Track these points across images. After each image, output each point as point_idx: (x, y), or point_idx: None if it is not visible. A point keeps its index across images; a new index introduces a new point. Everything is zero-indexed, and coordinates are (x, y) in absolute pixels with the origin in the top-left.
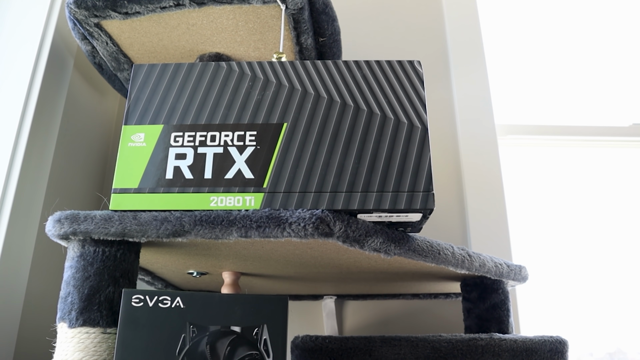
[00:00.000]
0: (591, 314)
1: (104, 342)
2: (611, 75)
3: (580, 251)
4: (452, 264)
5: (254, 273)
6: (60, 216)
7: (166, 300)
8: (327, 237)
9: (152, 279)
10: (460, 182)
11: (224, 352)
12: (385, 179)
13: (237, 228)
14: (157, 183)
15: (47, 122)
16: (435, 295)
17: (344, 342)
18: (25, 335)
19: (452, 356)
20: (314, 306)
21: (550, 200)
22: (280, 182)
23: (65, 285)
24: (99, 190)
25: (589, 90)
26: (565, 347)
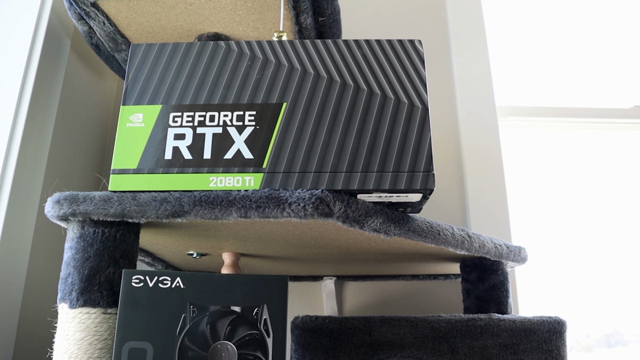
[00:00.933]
0: (589, 296)
1: (105, 323)
2: (613, 56)
3: (580, 233)
4: (452, 245)
5: (254, 254)
6: (59, 197)
7: (166, 280)
8: (326, 218)
9: (152, 260)
10: (460, 164)
11: (224, 332)
12: (385, 159)
13: (237, 208)
14: (156, 163)
15: (45, 104)
16: (435, 276)
17: (343, 322)
18: (27, 316)
19: (451, 336)
20: (313, 287)
21: (550, 183)
22: (279, 162)
23: (65, 266)
24: (98, 171)
25: (590, 71)
26: (563, 327)
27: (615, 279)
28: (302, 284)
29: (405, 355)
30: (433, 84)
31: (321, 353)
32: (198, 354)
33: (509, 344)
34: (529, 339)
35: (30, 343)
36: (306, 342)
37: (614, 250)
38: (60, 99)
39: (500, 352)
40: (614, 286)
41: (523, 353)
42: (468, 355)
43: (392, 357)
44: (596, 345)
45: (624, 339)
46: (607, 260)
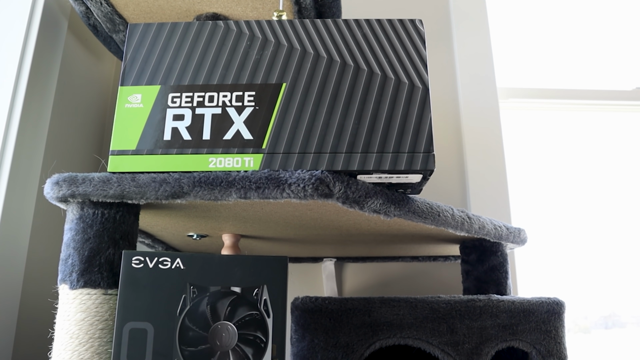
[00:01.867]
0: (586, 278)
1: (106, 303)
2: (615, 38)
3: (579, 216)
4: (452, 226)
5: (254, 235)
6: (58, 179)
7: (166, 261)
8: (326, 198)
9: (152, 241)
10: (460, 145)
11: (225, 312)
12: (385, 140)
13: (236, 189)
14: (155, 144)
15: (43, 85)
16: (434, 258)
17: (343, 303)
18: (28, 297)
19: (451, 317)
20: (313, 268)
21: (551, 165)
22: (279, 142)
23: (65, 248)
24: (97, 152)
25: (592, 53)
26: (562, 308)
27: (613, 262)
28: (302, 265)
29: (404, 335)
30: (434, 64)
31: (321, 333)
32: (198, 334)
33: (508, 325)
34: (527, 320)
35: (31, 324)
36: (306, 322)
37: (612, 233)
38: (58, 80)
39: (499, 333)
40: (612, 269)
41: (522, 333)
42: (467, 336)
43: (392, 338)
44: (594, 326)
45: (621, 320)
46: (605, 243)
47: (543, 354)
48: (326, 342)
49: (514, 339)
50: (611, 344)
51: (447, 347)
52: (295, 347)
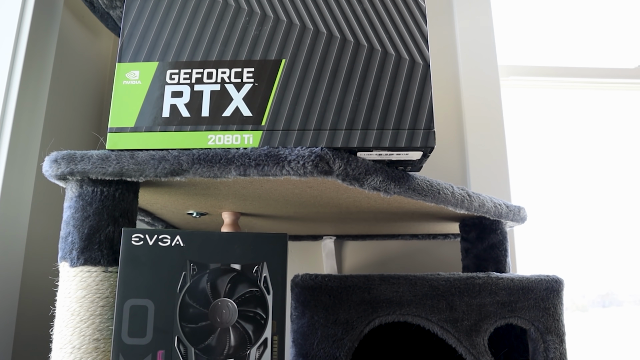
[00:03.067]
0: (585, 257)
1: (106, 281)
2: (617, 15)
3: (579, 195)
4: (452, 204)
5: (254, 213)
6: (57, 156)
7: (166, 238)
8: (326, 175)
9: (152, 220)
10: (460, 123)
11: (225, 289)
12: (385, 116)
13: (236, 166)
14: (153, 122)
15: (39, 63)
16: (434, 236)
17: (343, 280)
18: (29, 275)
19: (450, 294)
20: (313, 246)
21: (552, 143)
22: (279, 119)
23: (65, 225)
24: (96, 130)
25: (594, 30)
26: (560, 285)
27: (611, 241)
28: (301, 243)
29: (404, 312)
30: (434, 40)
31: (321, 310)
32: (199, 310)
33: (507, 302)
34: (526, 297)
35: (33, 301)
36: (306, 299)
37: (611, 213)
38: (55, 58)
39: (498, 310)
40: (609, 248)
41: (520, 311)
42: (466, 313)
43: (391, 315)
44: (591, 305)
45: (618, 299)
46: (604, 222)
47: (541, 330)
48: (326, 319)
49: (512, 316)
50: (608, 322)
51: (446, 324)
52: (295, 324)
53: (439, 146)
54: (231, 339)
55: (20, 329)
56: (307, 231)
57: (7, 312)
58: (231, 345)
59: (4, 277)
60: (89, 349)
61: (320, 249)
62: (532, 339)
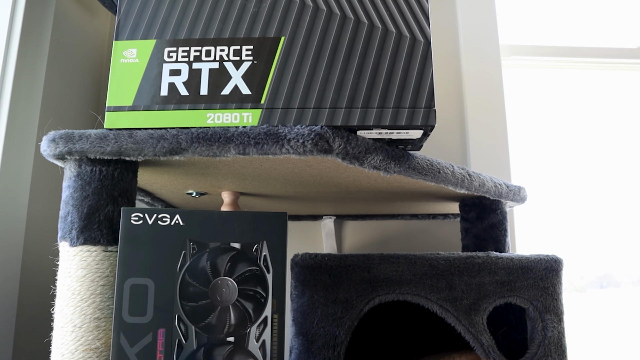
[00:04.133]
0: (583, 239)
1: (106, 260)
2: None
3: (579, 176)
4: (452, 183)
5: (253, 193)
6: (55, 136)
7: (165, 218)
8: (326, 154)
9: (151, 199)
10: (461, 102)
11: (225, 268)
12: (385, 95)
13: (235, 145)
14: (151, 100)
15: (36, 42)
16: (434, 216)
17: (342, 259)
18: (30, 255)
19: (450, 273)
20: (313, 226)
21: (553, 123)
22: (278, 97)
23: (64, 205)
24: (94, 109)
25: (596, 10)
26: (560, 265)
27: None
28: (301, 223)
29: (403, 291)
30: (435, 18)
31: (321, 289)
32: (199, 289)
33: (506, 281)
34: (525, 277)
35: (34, 281)
36: (306, 278)
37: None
38: (52, 36)
39: (497, 289)
40: (608, 229)
41: (519, 290)
42: (465, 292)
43: (391, 294)
44: (589, 286)
45: (615, 280)
46: (602, 204)
47: (540, 310)
48: (326, 298)
49: (511, 295)
50: (606, 303)
51: (445, 303)
52: (295, 303)
53: (439, 125)
54: (231, 317)
55: (22, 308)
56: (307, 211)
57: (8, 291)
58: (231, 323)
59: (4, 257)
60: (90, 328)
61: (320, 229)
62: (530, 318)
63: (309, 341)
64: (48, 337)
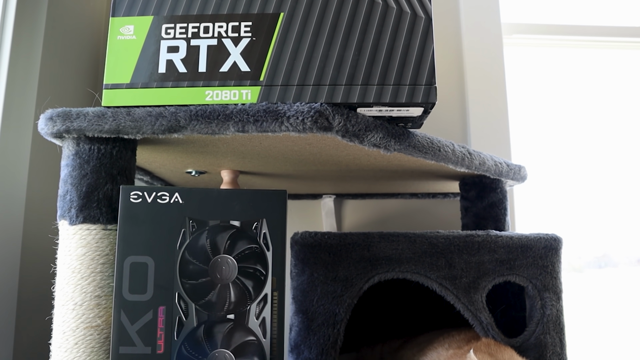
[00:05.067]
0: (581, 219)
1: (106, 238)
2: None
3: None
4: (452, 162)
5: (253, 171)
6: (52, 114)
7: (165, 196)
8: (326, 132)
9: (150, 178)
10: (462, 80)
11: (224, 246)
12: (386, 72)
13: (234, 122)
14: (149, 77)
15: (31, 19)
16: (434, 195)
17: (342, 238)
18: (30, 233)
19: (449, 251)
20: (313, 205)
21: (554, 103)
22: (277, 74)
23: (63, 184)
24: (91, 86)
25: None
26: (559, 244)
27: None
28: (301, 202)
29: (403, 269)
30: None
31: (320, 267)
32: (199, 267)
33: (505, 260)
34: (525, 255)
35: (34, 260)
36: (306, 257)
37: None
38: (48, 13)
39: (496, 267)
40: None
41: (519, 268)
42: (465, 270)
43: (391, 272)
44: (587, 266)
45: (613, 260)
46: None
47: (539, 288)
48: (325, 276)
49: (510, 273)
50: (603, 283)
51: (445, 281)
52: (295, 281)
53: (440, 103)
54: (231, 295)
55: (23, 287)
56: (307, 190)
57: (9, 270)
58: (231, 301)
59: (4, 236)
60: (91, 306)
61: (319, 208)
62: (529, 296)
63: (308, 319)
64: (49, 315)
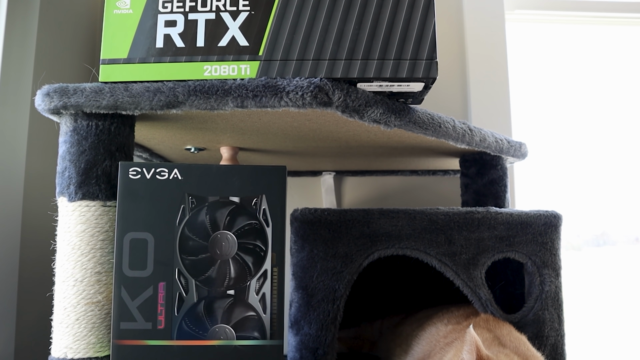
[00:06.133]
0: (580, 197)
1: (105, 215)
2: None
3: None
4: (453, 138)
5: (252, 148)
6: (49, 90)
7: (163, 172)
8: (325, 107)
9: (149, 156)
10: (463, 56)
11: (224, 222)
12: (386, 46)
13: (233, 98)
14: (147, 52)
15: None
16: (434, 172)
17: (342, 214)
18: (30, 210)
19: (449, 228)
20: (312, 182)
21: (556, 80)
22: (276, 49)
23: (61, 160)
24: (89, 62)
25: None
26: (559, 221)
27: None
28: (301, 179)
29: (402, 246)
30: None
31: (320, 244)
32: (198, 243)
33: (505, 236)
34: (524, 232)
35: (34, 237)
36: (305, 233)
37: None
38: None
39: (496, 244)
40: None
41: (518, 245)
42: (464, 247)
43: (390, 248)
44: (585, 244)
45: (612, 239)
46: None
47: (538, 264)
48: (325, 253)
49: (510, 250)
50: (602, 261)
51: (444, 258)
52: (295, 258)
53: (440, 79)
54: (231, 270)
55: (24, 263)
56: (307, 166)
57: (10, 247)
58: (231, 276)
59: (4, 213)
60: (92, 282)
61: (319, 185)
62: (528, 272)
63: (308, 295)
64: (50, 292)
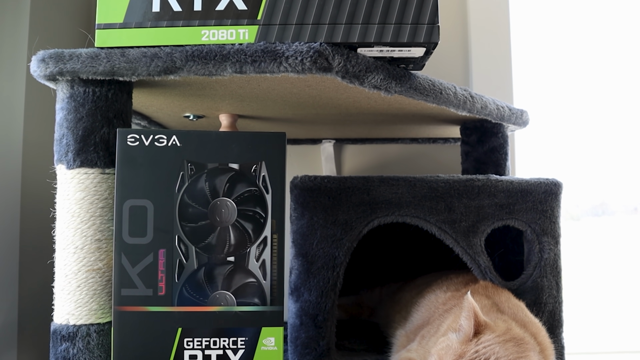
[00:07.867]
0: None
1: (104, 182)
2: None
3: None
4: (454, 105)
5: (252, 115)
6: (44, 55)
7: (162, 139)
8: (325, 72)
9: (148, 123)
10: (465, 21)
11: (223, 189)
12: (387, 10)
13: (231, 63)
14: (143, 17)
15: None
16: (434, 140)
17: (342, 181)
18: (29, 178)
19: (449, 195)
20: (312, 150)
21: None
22: (275, 13)
23: (58, 128)
24: (85, 27)
25: None
26: (559, 189)
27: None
28: (300, 147)
29: (402, 213)
30: None
31: (320, 211)
32: (198, 210)
33: (505, 204)
34: (524, 200)
35: (34, 205)
36: (305, 201)
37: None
38: None
39: (495, 212)
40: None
41: (518, 213)
42: (464, 214)
43: (390, 216)
44: (584, 214)
45: (610, 209)
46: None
47: (537, 232)
48: (325, 220)
49: (510, 217)
50: (600, 231)
51: (444, 225)
52: (294, 225)
53: (441, 46)
54: (231, 237)
55: (24, 232)
56: (306, 134)
57: (10, 215)
58: (231, 243)
59: (3, 182)
60: (92, 249)
61: (319, 153)
62: (528, 240)
63: (308, 262)
64: (51, 259)
